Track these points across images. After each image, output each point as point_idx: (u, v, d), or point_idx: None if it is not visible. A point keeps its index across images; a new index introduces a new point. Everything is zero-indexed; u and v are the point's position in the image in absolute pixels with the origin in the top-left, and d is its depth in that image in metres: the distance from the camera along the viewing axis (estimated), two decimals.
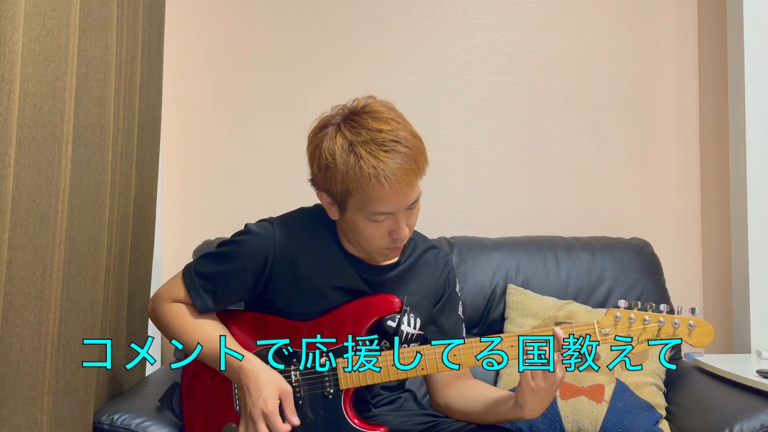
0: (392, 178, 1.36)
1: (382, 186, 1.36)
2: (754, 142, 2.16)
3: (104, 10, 1.63)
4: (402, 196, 1.39)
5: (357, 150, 1.37)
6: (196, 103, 2.47)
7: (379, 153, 1.36)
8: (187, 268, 1.57)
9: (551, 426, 1.85)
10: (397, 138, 1.38)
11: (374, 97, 1.48)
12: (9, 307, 1.30)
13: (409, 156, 1.38)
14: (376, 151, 1.36)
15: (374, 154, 1.36)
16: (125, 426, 1.57)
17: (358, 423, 1.49)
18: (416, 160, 1.39)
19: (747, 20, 2.16)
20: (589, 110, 2.49)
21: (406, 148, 1.38)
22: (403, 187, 1.38)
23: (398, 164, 1.36)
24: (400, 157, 1.37)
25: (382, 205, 1.40)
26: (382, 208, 1.40)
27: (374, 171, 1.35)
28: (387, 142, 1.37)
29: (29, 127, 1.33)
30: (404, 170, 1.37)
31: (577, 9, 2.49)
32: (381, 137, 1.37)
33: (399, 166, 1.36)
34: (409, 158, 1.38)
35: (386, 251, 1.50)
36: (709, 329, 1.40)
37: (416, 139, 1.42)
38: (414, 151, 1.39)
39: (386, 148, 1.37)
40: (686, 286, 2.46)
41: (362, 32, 2.48)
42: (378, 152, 1.36)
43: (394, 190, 1.37)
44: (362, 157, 1.36)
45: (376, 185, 1.36)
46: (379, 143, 1.37)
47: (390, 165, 1.36)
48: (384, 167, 1.35)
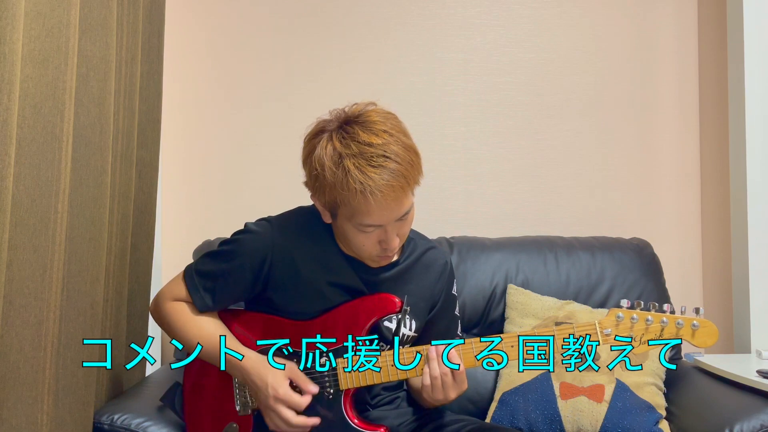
0: (378, 195, 1.34)
1: (368, 202, 1.34)
2: (754, 141, 2.16)
3: (104, 10, 1.63)
4: (389, 211, 1.38)
5: (345, 163, 1.34)
6: (196, 103, 2.47)
7: (367, 168, 1.33)
8: (188, 268, 1.58)
9: (551, 426, 1.85)
10: (387, 153, 1.35)
11: (375, 104, 1.45)
12: (9, 307, 1.30)
13: (398, 172, 1.35)
14: (364, 166, 1.34)
15: (362, 169, 1.33)
16: (125, 426, 1.57)
17: (358, 423, 1.49)
18: (406, 176, 1.36)
19: (747, 20, 2.16)
20: (589, 110, 2.49)
21: (396, 164, 1.35)
22: (390, 203, 1.36)
23: (385, 181, 1.34)
24: (387, 173, 1.34)
25: (369, 218, 1.39)
26: (370, 221, 1.39)
27: (360, 186, 1.33)
28: (376, 158, 1.34)
29: (29, 127, 1.33)
30: (391, 187, 1.34)
31: (577, 9, 2.49)
32: (370, 152, 1.34)
33: (386, 183, 1.34)
34: (397, 175, 1.35)
35: (377, 258, 1.49)
36: (713, 329, 1.39)
37: (409, 154, 1.38)
38: (404, 167, 1.36)
39: (374, 163, 1.34)
40: (686, 286, 2.46)
41: (362, 32, 2.48)
42: (366, 167, 1.33)
43: (380, 206, 1.36)
44: (349, 171, 1.34)
45: (362, 200, 1.34)
46: (368, 158, 1.34)
47: (377, 181, 1.33)
48: (371, 183, 1.33)
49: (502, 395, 1.93)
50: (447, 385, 1.42)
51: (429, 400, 1.48)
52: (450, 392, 1.44)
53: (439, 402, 1.46)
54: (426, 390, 1.44)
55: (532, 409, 1.87)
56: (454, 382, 1.43)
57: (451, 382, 1.43)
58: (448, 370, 1.42)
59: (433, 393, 1.44)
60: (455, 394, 1.45)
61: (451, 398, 1.45)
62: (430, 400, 1.47)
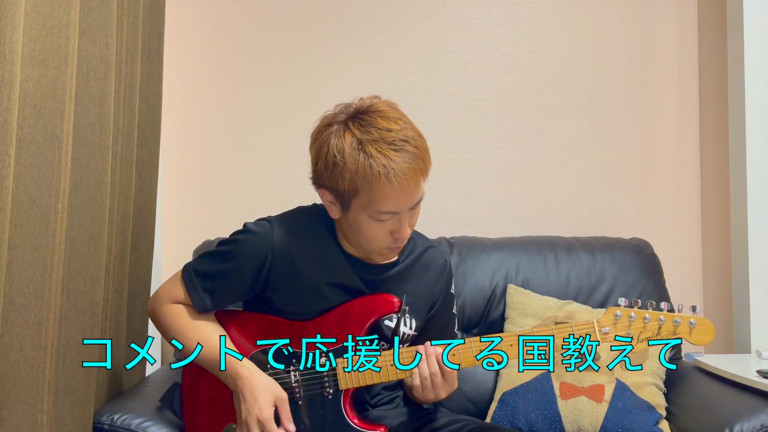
0: (402, 176, 1.37)
1: (392, 184, 1.37)
2: (754, 141, 2.15)
3: (104, 10, 1.63)
4: (409, 195, 1.41)
5: (367, 148, 1.38)
6: (196, 103, 2.47)
7: (389, 152, 1.37)
8: (186, 268, 1.57)
9: (551, 426, 1.85)
10: (406, 137, 1.40)
11: (378, 97, 1.49)
12: (9, 307, 1.30)
13: (417, 156, 1.40)
14: (386, 149, 1.38)
15: (384, 152, 1.37)
16: (125, 426, 1.57)
17: (358, 423, 1.49)
18: (423, 160, 1.42)
19: (747, 20, 2.16)
20: (590, 110, 2.49)
21: (414, 147, 1.40)
22: (411, 186, 1.40)
23: (407, 163, 1.38)
24: (408, 156, 1.39)
25: (387, 204, 1.41)
26: (388, 207, 1.41)
27: (384, 169, 1.36)
28: (397, 141, 1.39)
29: (29, 127, 1.33)
30: (413, 169, 1.39)
31: (577, 9, 2.49)
32: (391, 136, 1.39)
33: (408, 165, 1.38)
34: (417, 158, 1.40)
35: (386, 251, 1.50)
36: (709, 327, 1.40)
37: (422, 140, 1.44)
38: (421, 151, 1.41)
39: (396, 147, 1.38)
40: (686, 286, 2.46)
41: (362, 32, 2.48)
42: (388, 151, 1.37)
43: (402, 189, 1.39)
44: (372, 155, 1.37)
45: (385, 184, 1.37)
46: (389, 142, 1.38)
47: (400, 164, 1.37)
48: (394, 165, 1.37)
49: (502, 395, 1.93)
50: (437, 385, 1.44)
51: (420, 399, 1.50)
52: (440, 392, 1.45)
53: (430, 401, 1.49)
54: (416, 390, 1.45)
55: (532, 409, 1.87)
56: (444, 381, 1.44)
57: (440, 382, 1.44)
58: (437, 370, 1.43)
59: (423, 393, 1.45)
60: (445, 393, 1.46)
61: (442, 397, 1.47)
62: (421, 399, 1.50)
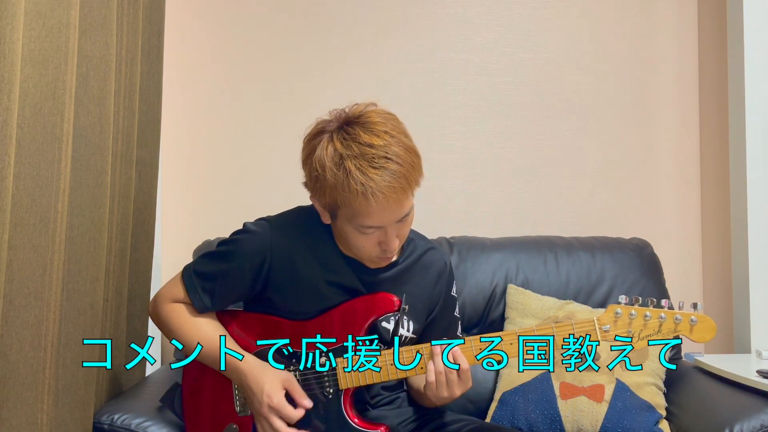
0: (380, 196, 1.33)
1: (369, 203, 1.34)
2: (754, 141, 2.15)
3: (104, 10, 1.63)
4: (390, 213, 1.37)
5: (346, 164, 1.34)
6: (196, 103, 2.47)
7: (369, 169, 1.33)
8: (186, 269, 1.58)
9: (551, 426, 1.85)
10: (388, 154, 1.34)
11: (375, 104, 1.44)
12: (9, 307, 1.30)
13: (399, 174, 1.34)
14: (365, 167, 1.33)
15: (363, 170, 1.33)
16: (125, 426, 1.57)
17: (358, 423, 1.49)
18: (407, 178, 1.36)
19: (747, 20, 2.16)
20: (590, 110, 2.49)
21: (397, 165, 1.34)
22: (392, 204, 1.36)
23: (387, 182, 1.33)
24: (389, 174, 1.33)
25: (370, 220, 1.38)
26: (371, 222, 1.39)
27: (362, 188, 1.32)
28: (377, 159, 1.33)
29: (29, 127, 1.33)
30: (393, 188, 1.34)
31: (577, 9, 2.49)
32: (371, 153, 1.34)
33: (387, 184, 1.33)
34: (398, 176, 1.34)
35: (376, 259, 1.49)
36: (711, 324, 1.39)
37: (410, 155, 1.38)
38: (405, 168, 1.35)
39: (376, 164, 1.33)
40: (686, 286, 2.46)
41: (362, 32, 2.48)
42: (367, 168, 1.33)
43: (381, 207, 1.35)
44: (351, 172, 1.33)
45: (363, 202, 1.34)
46: (369, 159, 1.33)
47: (378, 183, 1.33)
48: (372, 184, 1.32)
49: (502, 395, 1.93)
50: (452, 382, 1.41)
51: (433, 399, 1.46)
52: (455, 389, 1.42)
53: (445, 400, 1.45)
54: (430, 387, 1.42)
55: (532, 409, 1.87)
56: (459, 379, 1.42)
57: (455, 379, 1.41)
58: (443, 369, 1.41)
59: (437, 390, 1.42)
60: (460, 391, 1.43)
61: (457, 395, 1.43)
62: (435, 399, 1.45)
